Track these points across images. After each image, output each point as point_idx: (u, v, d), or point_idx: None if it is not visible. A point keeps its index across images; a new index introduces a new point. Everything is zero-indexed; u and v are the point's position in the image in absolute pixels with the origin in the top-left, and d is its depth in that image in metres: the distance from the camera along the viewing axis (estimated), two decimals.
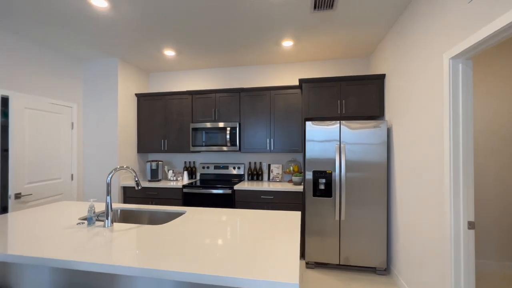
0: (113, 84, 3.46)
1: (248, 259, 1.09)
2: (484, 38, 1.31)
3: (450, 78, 1.60)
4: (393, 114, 2.61)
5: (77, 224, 1.60)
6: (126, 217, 2.04)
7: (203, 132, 3.47)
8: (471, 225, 1.56)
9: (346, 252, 2.69)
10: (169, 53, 3.28)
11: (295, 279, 0.92)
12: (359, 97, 2.90)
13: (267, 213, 1.84)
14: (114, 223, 1.62)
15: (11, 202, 2.59)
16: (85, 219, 1.75)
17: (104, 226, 1.55)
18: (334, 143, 2.73)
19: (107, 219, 1.56)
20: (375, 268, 2.69)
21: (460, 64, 1.58)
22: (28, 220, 1.70)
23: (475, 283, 2.47)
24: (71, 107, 3.34)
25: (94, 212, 1.60)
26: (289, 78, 3.70)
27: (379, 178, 2.64)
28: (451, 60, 1.60)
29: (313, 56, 3.44)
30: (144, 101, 3.77)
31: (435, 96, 1.80)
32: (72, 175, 3.33)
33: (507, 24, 1.17)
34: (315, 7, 2.23)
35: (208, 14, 2.36)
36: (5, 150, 2.84)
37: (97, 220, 1.72)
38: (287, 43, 2.99)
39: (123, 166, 1.65)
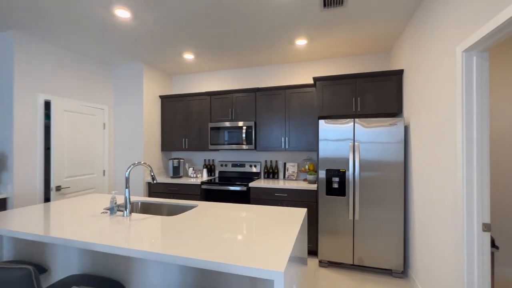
0: (139, 87, 3.75)
1: (242, 247, 1.16)
2: (496, 28, 1.24)
3: (463, 73, 1.52)
4: (410, 112, 2.50)
5: (101, 213, 1.80)
6: (146, 208, 2.22)
7: (221, 131, 3.61)
8: (486, 227, 1.48)
9: (361, 252, 2.64)
10: (189, 56, 3.46)
11: (282, 268, 0.97)
12: (376, 94, 2.82)
13: (272, 208, 1.90)
14: (133, 213, 1.79)
15: (52, 193, 2.94)
16: (108, 209, 1.95)
17: (123, 215, 1.72)
18: (347, 141, 2.69)
19: (126, 209, 1.73)
20: (391, 270, 2.60)
21: (474, 57, 1.50)
22: (63, 209, 1.94)
23: None
24: (103, 109, 3.68)
25: (115, 203, 1.78)
26: (306, 76, 3.69)
27: (395, 178, 2.55)
28: (464, 53, 1.52)
29: (329, 54, 3.40)
30: (167, 102, 4.01)
31: (449, 92, 1.72)
32: (104, 171, 3.67)
33: None
34: (324, 5, 2.23)
35: (222, 18, 2.47)
36: (48, 148, 3.22)
37: (118, 210, 1.91)
38: (301, 42, 3.00)
39: (140, 162, 1.82)
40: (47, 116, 3.24)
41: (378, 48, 3.21)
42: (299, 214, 1.74)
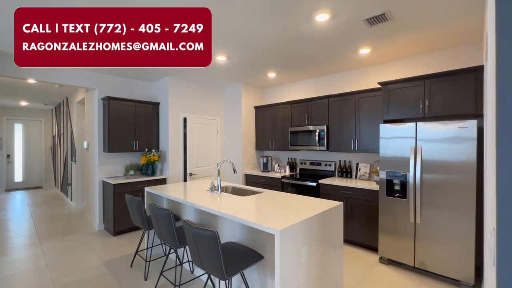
0: (239, 101, 4.95)
1: (269, 216, 1.85)
2: None
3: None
4: (486, 112, 2.27)
5: (206, 190, 2.93)
6: (235, 191, 3.24)
7: (298, 134, 4.24)
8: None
9: (423, 256, 2.64)
10: (271, 75, 4.30)
11: (280, 228, 1.60)
12: (448, 94, 2.65)
13: (311, 199, 2.41)
14: (223, 193, 2.81)
15: (188, 177, 4.56)
16: (210, 188, 3.08)
17: (216, 193, 2.77)
18: (409, 144, 2.71)
19: (218, 190, 2.77)
20: (459, 281, 2.46)
21: None
22: (190, 186, 3.24)
23: None
24: (216, 119, 5.14)
25: (214, 185, 2.86)
26: (375, 79, 3.70)
27: (465, 182, 2.39)
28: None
29: (396, 56, 3.34)
30: (259, 111, 5.04)
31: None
32: (217, 164, 5.12)
33: None
34: (371, 24, 2.46)
35: (293, 48, 3.12)
36: (184, 148, 4.93)
37: (215, 190, 3.00)
38: (364, 51, 3.18)
39: (226, 160, 2.81)
40: (184, 127, 4.96)
41: (461, 41, 2.88)
42: (326, 205, 2.19)
